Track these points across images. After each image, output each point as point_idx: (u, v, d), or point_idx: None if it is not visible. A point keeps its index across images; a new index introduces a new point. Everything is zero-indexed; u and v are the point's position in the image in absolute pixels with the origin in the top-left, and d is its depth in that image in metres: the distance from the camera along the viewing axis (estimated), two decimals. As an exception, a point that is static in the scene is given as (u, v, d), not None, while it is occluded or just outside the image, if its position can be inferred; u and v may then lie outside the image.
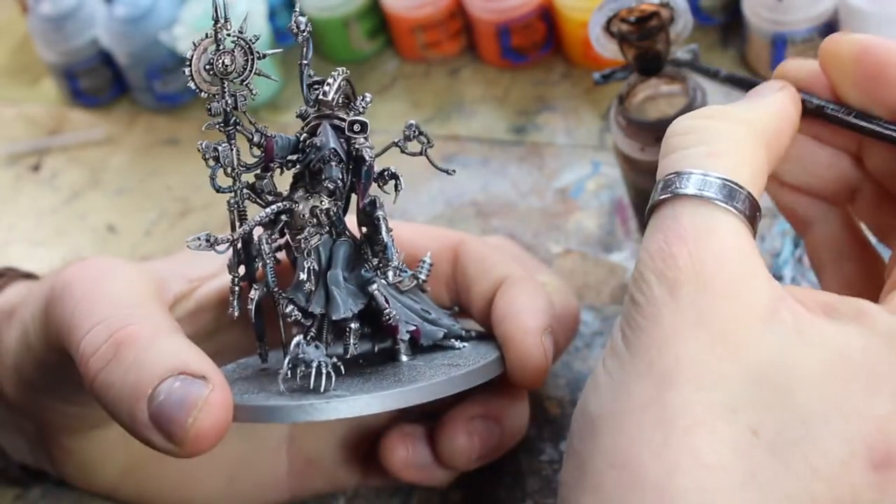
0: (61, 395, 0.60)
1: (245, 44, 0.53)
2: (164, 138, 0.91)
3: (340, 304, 0.54)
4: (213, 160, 0.54)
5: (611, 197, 0.77)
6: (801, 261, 0.70)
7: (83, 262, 0.58)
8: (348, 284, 0.55)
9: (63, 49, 0.93)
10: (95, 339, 0.53)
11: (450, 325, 0.58)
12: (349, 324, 0.55)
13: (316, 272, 0.55)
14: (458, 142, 0.83)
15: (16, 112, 0.97)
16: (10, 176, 0.93)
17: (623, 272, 0.73)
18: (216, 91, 0.54)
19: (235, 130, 0.54)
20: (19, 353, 0.59)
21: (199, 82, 0.53)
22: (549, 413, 0.68)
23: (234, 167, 0.54)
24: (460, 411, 0.59)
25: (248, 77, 0.54)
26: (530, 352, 0.56)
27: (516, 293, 0.58)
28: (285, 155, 0.55)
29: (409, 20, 0.87)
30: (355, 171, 0.55)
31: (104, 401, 0.52)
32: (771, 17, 0.76)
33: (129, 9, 0.89)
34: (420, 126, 0.55)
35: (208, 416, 0.50)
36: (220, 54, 0.53)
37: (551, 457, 0.66)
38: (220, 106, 0.54)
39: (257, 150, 0.55)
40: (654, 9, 0.65)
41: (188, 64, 0.53)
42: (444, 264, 0.61)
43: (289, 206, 0.54)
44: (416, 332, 0.56)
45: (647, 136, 0.68)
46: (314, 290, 0.55)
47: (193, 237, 0.53)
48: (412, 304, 0.57)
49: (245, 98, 0.54)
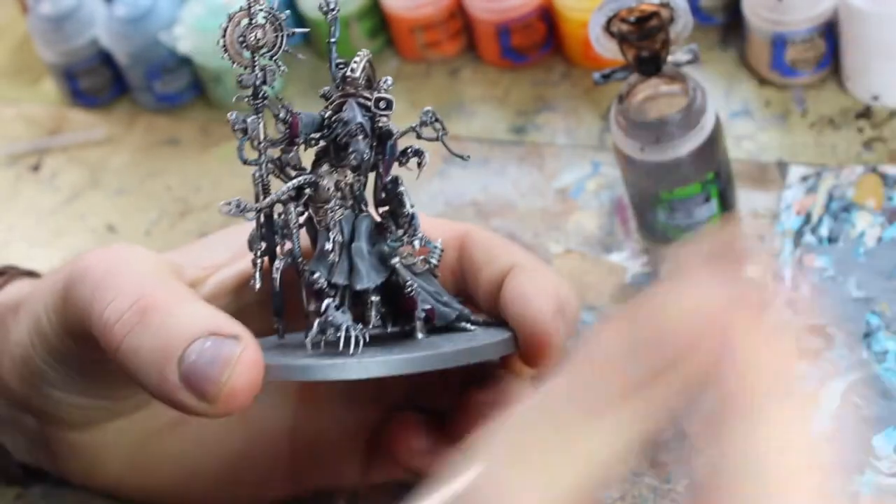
0: (71, 388, 0.60)
1: (276, 20, 0.54)
2: (164, 138, 0.91)
3: (364, 274, 0.55)
4: (241, 132, 0.55)
5: (611, 197, 0.77)
6: (801, 261, 0.70)
7: (100, 249, 0.59)
8: (371, 257, 0.56)
9: (63, 49, 0.92)
10: (119, 306, 0.53)
11: (460, 308, 0.59)
12: (370, 297, 0.55)
13: (340, 244, 0.55)
14: (458, 142, 0.83)
15: (16, 112, 0.97)
16: (10, 176, 0.93)
17: (623, 272, 0.73)
18: (247, 63, 0.54)
19: (263, 105, 0.54)
20: (29, 345, 0.59)
21: (233, 54, 0.54)
22: (549, 413, 0.68)
23: (261, 140, 0.55)
24: (473, 396, 0.59)
25: (277, 53, 0.54)
26: (545, 329, 0.56)
27: (528, 277, 0.59)
28: (309, 132, 0.56)
29: (409, 20, 0.87)
30: (379, 148, 0.55)
31: (131, 365, 0.52)
32: (771, 17, 0.76)
33: (129, 9, 0.89)
34: (436, 112, 0.56)
35: (242, 374, 0.50)
36: (253, 28, 0.53)
37: (551, 457, 0.66)
38: (251, 79, 0.54)
39: (282, 126, 0.55)
40: (654, 9, 0.65)
41: (223, 35, 0.54)
42: (450, 252, 0.61)
43: (314, 179, 0.55)
44: (430, 311, 0.57)
45: (647, 136, 0.68)
46: (337, 262, 0.55)
47: (225, 202, 0.54)
48: (426, 286, 0.58)
49: (273, 73, 0.54)
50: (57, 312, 0.57)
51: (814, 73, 0.78)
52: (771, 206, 0.73)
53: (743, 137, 0.77)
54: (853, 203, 0.72)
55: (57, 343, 0.58)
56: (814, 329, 0.67)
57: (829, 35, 0.76)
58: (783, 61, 0.78)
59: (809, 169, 0.74)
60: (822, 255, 0.70)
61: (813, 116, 0.77)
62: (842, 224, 0.71)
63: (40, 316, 0.59)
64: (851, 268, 0.69)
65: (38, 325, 0.59)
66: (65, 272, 0.58)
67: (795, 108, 0.78)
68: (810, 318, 0.68)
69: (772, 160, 0.76)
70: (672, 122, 0.67)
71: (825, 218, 0.71)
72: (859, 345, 0.66)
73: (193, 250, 0.63)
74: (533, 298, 0.57)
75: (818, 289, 0.69)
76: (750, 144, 0.77)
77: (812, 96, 0.78)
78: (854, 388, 0.64)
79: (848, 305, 0.68)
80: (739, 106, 0.79)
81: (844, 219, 0.71)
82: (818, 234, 0.71)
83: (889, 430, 0.63)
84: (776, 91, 0.79)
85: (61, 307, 0.57)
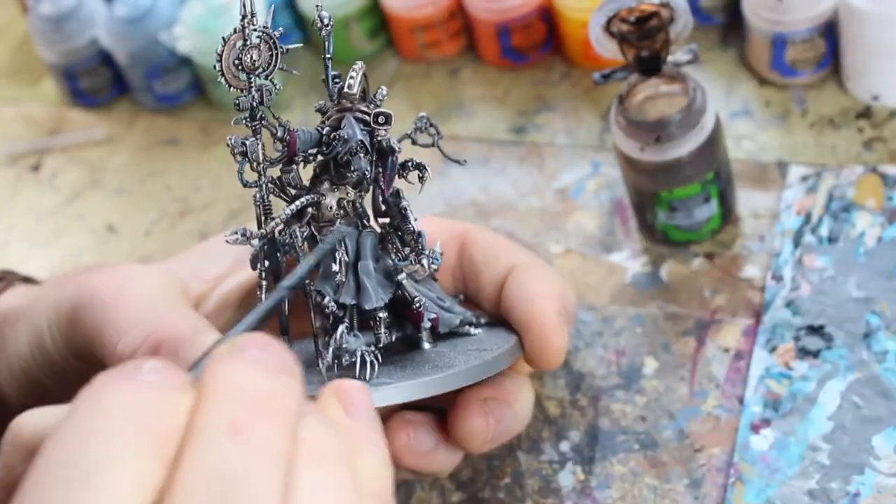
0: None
1: (270, 38, 0.54)
2: (164, 138, 0.91)
3: (372, 294, 0.55)
4: (241, 155, 0.55)
5: (611, 197, 0.77)
6: (801, 261, 0.70)
7: (107, 269, 0.58)
8: (377, 274, 0.56)
9: (63, 49, 0.92)
10: (133, 341, 0.53)
11: (462, 312, 0.59)
12: (378, 313, 0.55)
13: (346, 263, 0.55)
14: (458, 142, 0.83)
15: (16, 112, 0.97)
16: (10, 176, 0.93)
17: (623, 272, 0.73)
18: (244, 86, 0.54)
19: (261, 125, 0.54)
20: (29, 357, 0.59)
21: (230, 78, 0.54)
22: (549, 413, 0.68)
23: (260, 161, 0.55)
24: (474, 393, 0.59)
25: (272, 72, 0.54)
26: (550, 334, 0.57)
27: (529, 277, 0.59)
28: (307, 149, 0.56)
29: (409, 20, 0.87)
30: (379, 162, 0.55)
31: None
32: (771, 17, 0.76)
33: (129, 9, 0.89)
34: (431, 118, 0.56)
35: None
36: (248, 49, 0.53)
37: (551, 457, 0.66)
38: (248, 101, 0.54)
39: (280, 144, 0.55)
40: (654, 9, 0.65)
41: (218, 60, 0.53)
42: (450, 253, 0.62)
43: (315, 198, 0.55)
44: (435, 319, 0.57)
45: (647, 136, 0.68)
46: (344, 282, 0.55)
47: (231, 232, 0.54)
48: (428, 292, 0.58)
49: (270, 92, 0.54)
50: (62, 332, 0.57)
51: (814, 73, 0.78)
52: (771, 206, 0.73)
53: (743, 137, 0.77)
54: (853, 203, 0.72)
55: (61, 361, 0.58)
56: (814, 329, 0.67)
57: (829, 35, 0.76)
58: (783, 61, 0.78)
59: (809, 169, 0.74)
60: (822, 255, 0.70)
61: (813, 116, 0.77)
62: (842, 224, 0.71)
63: (42, 332, 0.58)
64: (851, 268, 0.69)
65: (41, 340, 0.59)
66: (70, 291, 0.57)
67: (795, 108, 0.78)
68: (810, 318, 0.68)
69: (772, 160, 0.76)
70: (672, 122, 0.67)
71: (825, 218, 0.71)
72: (859, 345, 0.66)
73: (193, 257, 0.63)
74: (536, 301, 0.58)
75: (818, 289, 0.69)
76: (750, 144, 0.77)
77: (812, 96, 0.78)
78: (854, 388, 0.64)
79: (848, 305, 0.68)
80: (739, 106, 0.79)
81: (844, 219, 0.71)
82: (818, 234, 0.71)
83: (889, 430, 0.63)
84: (776, 91, 0.79)
85: (67, 328, 0.57)
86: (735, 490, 0.62)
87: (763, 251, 0.71)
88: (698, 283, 0.71)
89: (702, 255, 0.72)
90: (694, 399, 0.66)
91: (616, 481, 0.65)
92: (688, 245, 0.73)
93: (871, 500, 0.61)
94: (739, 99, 0.79)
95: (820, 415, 0.64)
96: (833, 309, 0.68)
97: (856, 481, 0.61)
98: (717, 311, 0.70)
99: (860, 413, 0.63)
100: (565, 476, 0.66)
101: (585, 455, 0.66)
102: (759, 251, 0.71)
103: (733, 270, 0.71)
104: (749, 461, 0.63)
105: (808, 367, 0.66)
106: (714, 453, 0.64)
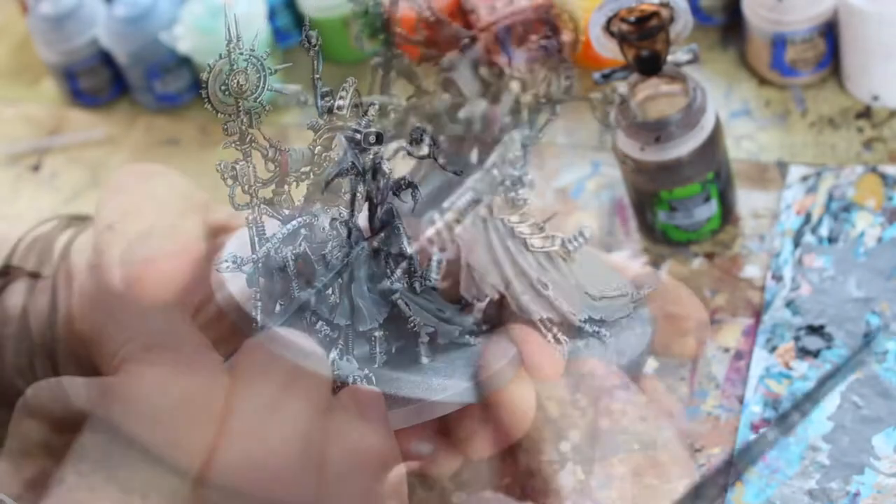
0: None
1: (257, 61, 0.53)
2: (164, 138, 0.91)
3: (367, 315, 0.55)
4: (232, 179, 0.54)
5: (611, 197, 0.77)
6: (801, 261, 0.70)
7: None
8: (371, 294, 0.56)
9: (63, 49, 0.92)
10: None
11: (462, 321, 0.59)
12: (373, 333, 0.55)
13: (340, 284, 0.55)
14: (458, 142, 0.83)
15: (16, 112, 0.97)
16: (10, 176, 0.93)
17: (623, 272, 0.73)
18: (231, 110, 0.54)
19: (251, 147, 0.54)
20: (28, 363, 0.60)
21: (216, 104, 0.53)
22: (549, 413, 0.68)
23: (251, 185, 0.54)
24: None
25: (260, 94, 0.54)
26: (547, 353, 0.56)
27: None
28: (299, 168, 0.55)
29: (410, 20, 0.87)
30: (372, 182, 0.55)
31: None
32: (771, 17, 0.76)
33: (129, 9, 0.89)
34: (425, 129, 0.55)
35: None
36: (234, 74, 0.53)
37: (551, 457, 0.66)
38: (237, 125, 0.54)
39: (272, 165, 0.55)
40: (654, 9, 0.65)
41: (204, 86, 0.53)
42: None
43: (308, 220, 0.55)
44: (433, 333, 0.57)
45: (646, 136, 0.68)
46: (339, 303, 0.55)
47: (223, 260, 0.54)
48: (427, 304, 0.57)
49: (259, 115, 0.54)
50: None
51: (814, 73, 0.78)
52: (771, 206, 0.73)
53: (743, 137, 0.77)
54: (853, 203, 0.72)
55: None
56: (814, 329, 0.67)
57: (829, 35, 0.76)
58: (783, 61, 0.78)
59: (809, 169, 0.74)
60: (822, 255, 0.70)
61: (813, 116, 0.77)
62: (842, 224, 0.71)
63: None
64: (851, 268, 0.69)
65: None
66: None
67: (795, 108, 0.78)
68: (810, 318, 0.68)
69: (772, 160, 0.76)
70: (672, 121, 0.67)
71: (825, 218, 0.71)
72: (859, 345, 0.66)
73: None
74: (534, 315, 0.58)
75: (818, 289, 0.69)
76: (750, 144, 0.77)
77: (812, 96, 0.78)
78: (854, 388, 0.64)
79: (848, 305, 0.67)
80: (739, 106, 0.79)
81: (844, 219, 0.71)
82: (818, 234, 0.71)
83: (889, 430, 0.63)
84: (776, 91, 0.79)
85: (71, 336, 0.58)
86: (735, 490, 0.62)
87: (763, 251, 0.71)
88: (698, 283, 0.71)
89: (702, 255, 0.72)
90: (694, 399, 0.66)
91: (616, 481, 0.65)
92: (688, 245, 0.72)
93: (871, 500, 0.61)
94: (739, 99, 0.79)
95: (820, 415, 0.64)
96: (833, 309, 0.68)
97: (856, 481, 0.61)
98: (717, 311, 0.70)
99: (860, 413, 0.63)
100: (565, 476, 0.66)
101: (585, 455, 0.66)
102: (759, 251, 0.71)
103: (733, 270, 0.71)
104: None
105: (807, 366, 0.66)
106: (714, 453, 0.64)
